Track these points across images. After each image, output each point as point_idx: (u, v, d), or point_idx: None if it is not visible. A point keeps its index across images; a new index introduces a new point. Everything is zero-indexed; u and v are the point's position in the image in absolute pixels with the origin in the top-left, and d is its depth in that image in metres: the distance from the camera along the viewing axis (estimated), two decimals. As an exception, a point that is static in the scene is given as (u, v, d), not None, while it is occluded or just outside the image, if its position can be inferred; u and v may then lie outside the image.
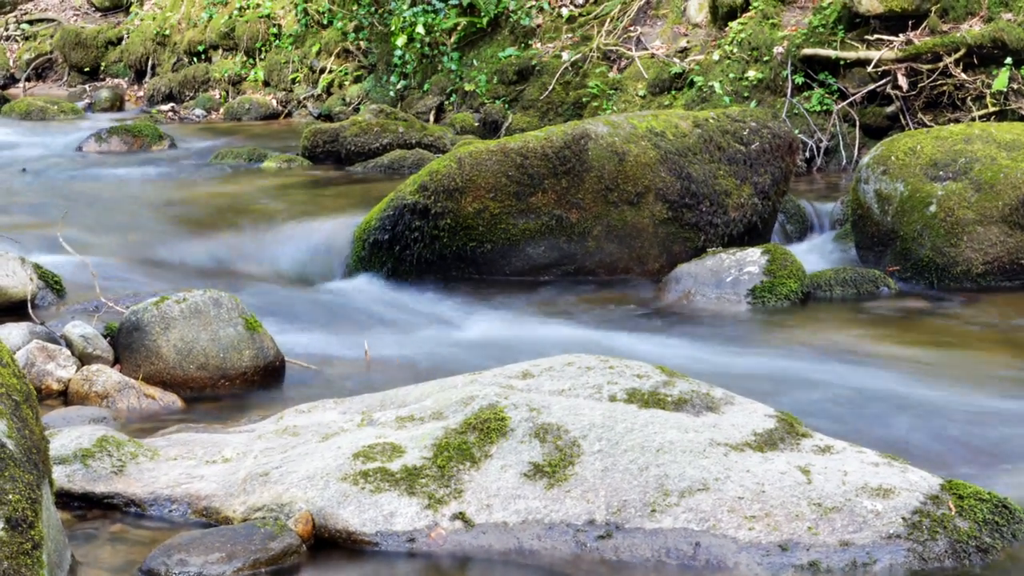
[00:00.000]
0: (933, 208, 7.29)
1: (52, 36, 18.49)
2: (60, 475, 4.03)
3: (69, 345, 5.48)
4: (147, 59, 17.37)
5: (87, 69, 17.97)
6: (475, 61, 13.45)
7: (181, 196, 9.97)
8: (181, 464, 4.15)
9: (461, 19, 13.60)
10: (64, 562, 3.47)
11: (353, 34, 15.01)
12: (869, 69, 10.95)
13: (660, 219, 7.56)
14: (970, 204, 7.21)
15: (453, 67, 13.54)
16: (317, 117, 14.80)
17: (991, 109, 10.49)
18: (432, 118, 13.45)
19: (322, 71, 15.35)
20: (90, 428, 4.36)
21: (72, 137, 12.91)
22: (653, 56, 12.32)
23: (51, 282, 6.71)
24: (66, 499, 4.00)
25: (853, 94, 11.03)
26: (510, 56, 13.12)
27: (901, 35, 11.00)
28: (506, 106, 12.92)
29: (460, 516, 3.76)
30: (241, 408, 5.16)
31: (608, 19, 12.92)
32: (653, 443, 3.90)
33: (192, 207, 9.52)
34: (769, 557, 3.60)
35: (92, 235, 8.28)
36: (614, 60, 12.63)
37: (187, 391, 5.34)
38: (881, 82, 10.94)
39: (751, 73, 11.60)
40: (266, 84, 15.94)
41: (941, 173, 7.36)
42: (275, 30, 16.06)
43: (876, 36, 11.07)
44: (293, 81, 15.63)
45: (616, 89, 12.31)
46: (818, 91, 11.21)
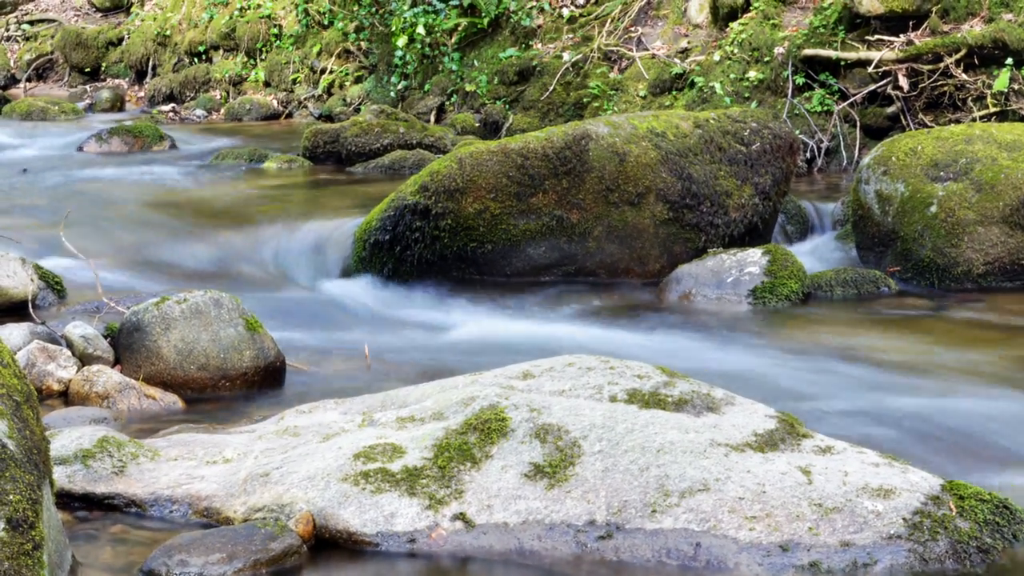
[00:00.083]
0: (934, 208, 7.29)
1: (53, 36, 18.50)
2: (61, 476, 4.03)
3: (70, 345, 5.48)
4: (148, 59, 17.38)
5: (88, 69, 17.98)
6: (476, 62, 13.46)
7: (182, 197, 9.97)
8: (182, 464, 4.15)
9: (462, 19, 13.60)
10: (65, 563, 3.47)
11: (354, 34, 15.02)
12: (870, 70, 10.95)
13: (661, 220, 7.56)
14: (971, 205, 7.21)
15: (454, 68, 13.54)
16: (318, 118, 14.80)
17: (992, 110, 10.49)
18: (433, 119, 13.45)
19: (323, 71, 15.35)
20: (91, 428, 4.36)
21: (73, 138, 12.91)
22: (654, 57, 12.32)
23: (52, 282, 6.71)
24: (67, 500, 4.00)
25: (854, 95, 11.03)
26: (511, 56, 13.12)
27: (902, 35, 11.00)
28: (507, 107, 12.92)
29: (461, 517, 3.76)
30: (242, 409, 5.16)
31: (609, 19, 12.92)
32: (654, 443, 3.90)
33: (193, 208, 9.52)
34: (770, 557, 3.60)
35: (93, 236, 8.27)
36: (615, 61, 12.63)
37: (188, 392, 5.33)
38: (882, 83, 10.94)
39: (752, 74, 11.60)
40: (267, 84, 15.95)
41: (942, 174, 7.36)
42: (276, 30, 16.07)
43: (877, 36, 11.07)
44: (294, 82, 15.63)
45: (617, 90, 12.31)
46: (819, 92, 11.21)
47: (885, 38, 11.04)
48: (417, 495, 3.79)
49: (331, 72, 15.26)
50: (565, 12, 13.34)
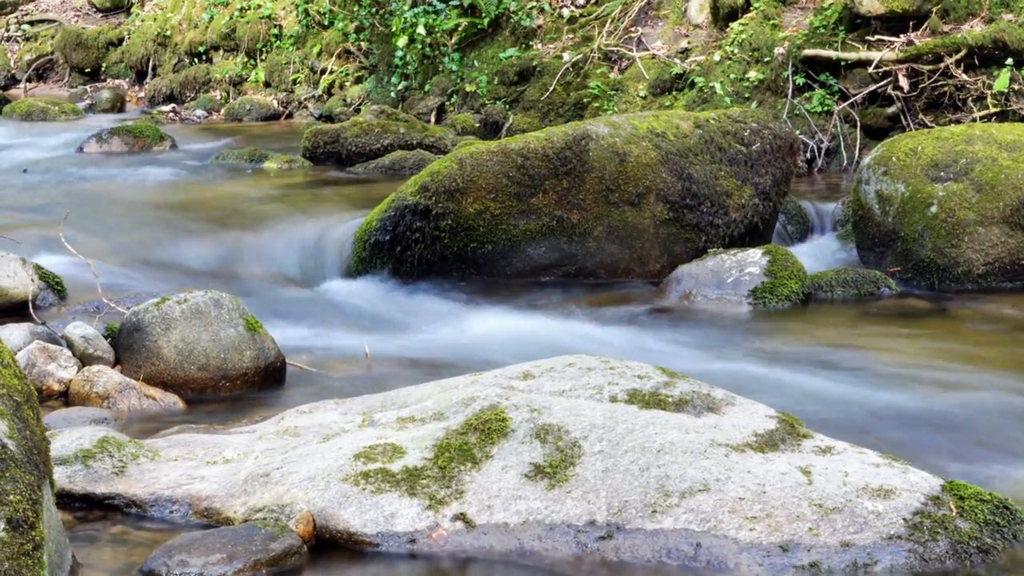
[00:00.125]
0: (934, 209, 7.29)
1: (53, 37, 18.50)
2: (61, 476, 4.03)
3: (70, 346, 5.48)
4: (148, 60, 17.38)
5: (88, 70, 17.98)
6: (476, 62, 13.46)
7: (182, 197, 9.97)
8: (182, 465, 4.15)
9: (462, 20, 13.60)
10: (65, 563, 3.47)
11: (354, 35, 15.02)
12: (870, 70, 10.95)
13: (661, 220, 7.56)
14: (971, 205, 7.21)
15: (454, 68, 13.54)
16: (318, 118, 14.80)
17: (992, 110, 10.49)
18: (433, 119, 13.45)
19: (323, 72, 15.35)
20: (91, 429, 4.36)
21: (73, 138, 12.91)
22: (654, 57, 12.32)
23: (52, 283, 6.71)
24: (67, 500, 4.00)
25: (854, 95, 11.03)
26: (511, 57, 13.12)
27: (902, 36, 11.00)
28: (507, 107, 12.92)
29: (461, 517, 3.76)
30: (242, 409, 5.16)
31: (609, 20, 12.92)
32: (654, 444, 3.90)
33: (193, 208, 9.52)
34: (770, 558, 3.60)
35: (93, 236, 8.27)
36: (615, 61, 12.63)
37: (188, 392, 5.34)
38: (882, 83, 10.94)
39: (752, 74, 11.60)
40: (267, 85, 15.95)
41: (942, 174, 7.36)
42: (276, 31, 16.07)
43: (877, 37, 11.07)
44: (294, 82, 15.63)
45: (617, 90, 12.31)
46: (819, 92, 11.21)
47: (885, 38, 11.04)
48: (417, 495, 3.79)
49: (331, 72, 15.26)
50: (565, 12, 13.34)
